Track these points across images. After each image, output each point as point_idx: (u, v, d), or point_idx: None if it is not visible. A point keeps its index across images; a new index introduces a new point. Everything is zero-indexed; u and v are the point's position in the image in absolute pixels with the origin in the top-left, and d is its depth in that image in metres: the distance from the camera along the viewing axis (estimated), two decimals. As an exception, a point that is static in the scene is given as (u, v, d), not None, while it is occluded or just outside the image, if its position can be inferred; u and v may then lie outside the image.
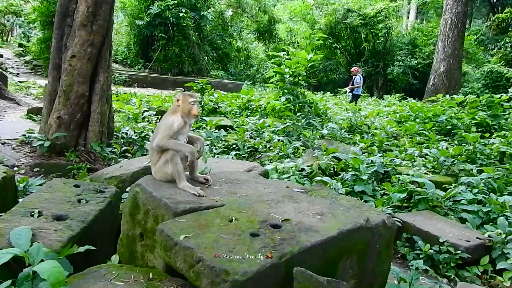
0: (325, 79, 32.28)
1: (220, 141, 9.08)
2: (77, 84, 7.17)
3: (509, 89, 11.91)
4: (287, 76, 12.77)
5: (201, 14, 27.07)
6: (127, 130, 8.47)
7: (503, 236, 4.93)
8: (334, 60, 33.07)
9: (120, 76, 21.51)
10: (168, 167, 3.65)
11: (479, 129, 11.19)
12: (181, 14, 24.49)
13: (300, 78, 12.92)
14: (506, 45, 26.55)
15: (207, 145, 8.66)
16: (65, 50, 7.34)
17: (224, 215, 3.34)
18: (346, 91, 19.92)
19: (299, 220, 3.32)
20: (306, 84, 14.51)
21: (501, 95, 11.79)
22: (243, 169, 5.41)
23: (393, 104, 18.07)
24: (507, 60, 25.99)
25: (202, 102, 12.76)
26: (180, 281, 2.97)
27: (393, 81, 28.35)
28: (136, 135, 8.37)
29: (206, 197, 3.64)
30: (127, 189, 4.23)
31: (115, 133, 8.17)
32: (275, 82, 13.27)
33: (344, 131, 10.48)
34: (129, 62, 27.48)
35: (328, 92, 25.63)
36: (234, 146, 8.90)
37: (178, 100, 3.71)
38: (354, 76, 17.81)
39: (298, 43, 33.00)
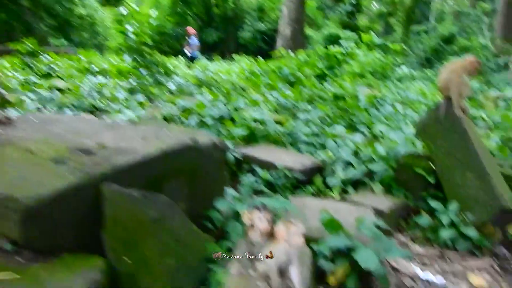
0: (179, 45, 31.55)
1: (54, 103, 8.08)
2: None
3: (340, 41, 13.07)
4: (130, 34, 11.94)
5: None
6: None
7: (333, 157, 5.33)
8: (186, 26, 32.45)
9: None
10: None
11: (318, 79, 12.08)
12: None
13: (145, 36, 12.21)
14: (341, 11, 29.29)
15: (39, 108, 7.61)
16: None
17: (25, 147, 2.82)
18: (185, 53, 19.27)
19: (117, 145, 2.98)
20: (153, 44, 13.85)
21: (335, 47, 12.82)
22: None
23: (241, 62, 18.48)
24: (342, 24, 28.76)
25: (34, 67, 11.26)
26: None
27: (244, 45, 29.09)
28: None
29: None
30: None
31: None
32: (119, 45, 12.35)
33: (192, 85, 10.27)
34: None
35: (180, 57, 25.11)
36: (70, 106, 8.00)
37: None
38: (189, 37, 17.40)
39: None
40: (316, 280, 2.99)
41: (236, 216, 3.44)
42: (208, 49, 29.43)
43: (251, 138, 5.99)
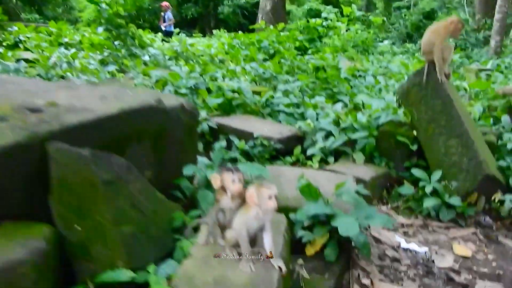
0: (157, 21, 30.61)
1: (20, 73, 7.57)
2: None
3: (322, 14, 12.72)
4: (103, 4, 11.35)
5: None
6: None
7: (312, 125, 5.09)
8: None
9: None
10: None
11: (299, 52, 11.77)
12: None
13: (119, 8, 11.63)
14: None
15: None
16: None
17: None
18: (161, 28, 18.56)
19: (70, 104, 2.65)
20: (129, 18, 13.26)
21: (315, 20, 12.48)
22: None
23: (221, 37, 17.97)
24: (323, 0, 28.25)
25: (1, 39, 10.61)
26: None
27: (224, 21, 28.37)
28: None
29: None
30: None
31: None
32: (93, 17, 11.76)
33: (169, 59, 9.84)
34: None
35: (160, 33, 24.36)
36: (37, 76, 7.52)
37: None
38: (164, 12, 16.85)
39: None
40: (292, 250, 2.76)
41: (207, 184, 3.17)
42: (188, 25, 28.58)
43: (228, 108, 5.70)
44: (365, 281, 3.06)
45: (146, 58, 9.41)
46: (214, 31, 22.06)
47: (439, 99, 4.59)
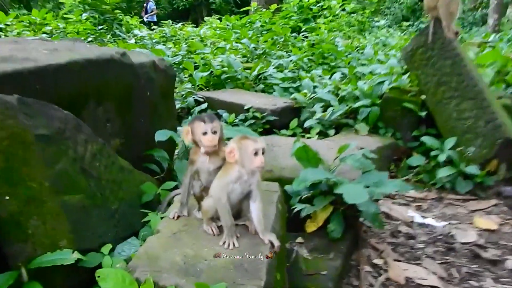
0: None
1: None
2: None
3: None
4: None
5: None
6: None
7: (309, 95, 4.60)
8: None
9: None
10: None
11: (293, 34, 11.22)
12: None
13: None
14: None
15: None
16: None
17: None
18: (144, 19, 17.93)
19: (11, 55, 2.15)
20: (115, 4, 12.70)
21: (309, -1, 11.94)
22: None
23: (213, 23, 17.41)
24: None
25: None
26: None
27: (217, 10, 27.76)
28: None
29: None
30: None
31: None
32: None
33: (155, 41, 9.32)
34: None
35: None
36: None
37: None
38: (147, 2, 16.31)
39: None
40: (290, 227, 2.28)
41: (187, 154, 2.69)
42: (180, 17, 27.93)
43: (216, 83, 5.20)
44: (378, 261, 2.59)
45: (132, 41, 8.89)
46: (206, 19, 21.54)
47: (447, 59, 4.09)
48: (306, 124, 4.33)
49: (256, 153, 1.64)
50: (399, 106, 4.28)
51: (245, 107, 4.27)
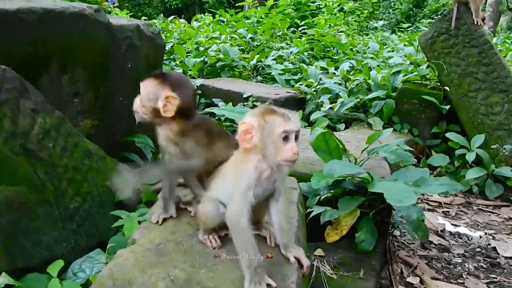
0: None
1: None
2: None
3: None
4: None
5: None
6: None
7: (315, 85, 4.08)
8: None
9: None
10: None
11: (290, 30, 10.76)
12: None
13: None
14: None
15: None
16: None
17: None
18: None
19: None
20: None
21: (307, -5, 11.50)
22: None
23: (206, 19, 16.89)
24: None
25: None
26: None
27: (210, 11, 27.26)
28: None
29: None
30: None
31: None
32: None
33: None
34: None
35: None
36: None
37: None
38: None
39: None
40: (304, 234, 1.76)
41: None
42: (172, 16, 27.45)
43: (211, 71, 4.67)
44: (412, 279, 2.08)
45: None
46: (198, 16, 21.01)
47: (474, 47, 3.63)
48: (312, 117, 3.81)
49: (286, 138, 1.09)
50: (417, 99, 3.79)
51: (244, 96, 3.74)
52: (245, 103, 3.68)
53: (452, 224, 2.77)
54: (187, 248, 1.17)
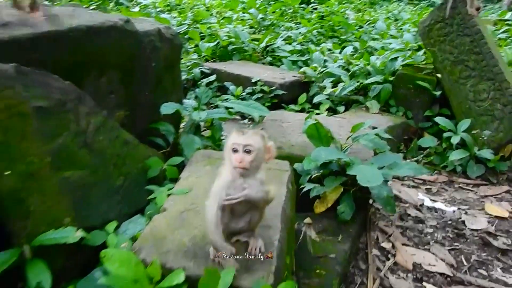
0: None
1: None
2: None
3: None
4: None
5: None
6: None
7: (319, 69, 4.45)
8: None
9: None
10: None
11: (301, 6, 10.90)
12: None
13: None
14: None
15: None
16: None
17: None
18: None
19: (6, 21, 2.01)
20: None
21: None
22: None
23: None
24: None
25: None
26: None
27: None
28: None
29: None
30: None
31: None
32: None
33: (160, 10, 9.05)
34: None
35: None
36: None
37: None
38: None
39: None
40: (298, 207, 2.20)
41: (193, 127, 2.59)
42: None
43: (223, 54, 5.04)
44: (386, 244, 2.53)
45: (136, 9, 8.64)
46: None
47: (466, 36, 3.92)
48: (315, 100, 4.20)
49: (235, 150, 1.34)
50: (412, 84, 4.14)
51: (253, 80, 4.14)
52: (254, 87, 4.08)
53: (431, 200, 3.19)
54: (203, 216, 1.62)
